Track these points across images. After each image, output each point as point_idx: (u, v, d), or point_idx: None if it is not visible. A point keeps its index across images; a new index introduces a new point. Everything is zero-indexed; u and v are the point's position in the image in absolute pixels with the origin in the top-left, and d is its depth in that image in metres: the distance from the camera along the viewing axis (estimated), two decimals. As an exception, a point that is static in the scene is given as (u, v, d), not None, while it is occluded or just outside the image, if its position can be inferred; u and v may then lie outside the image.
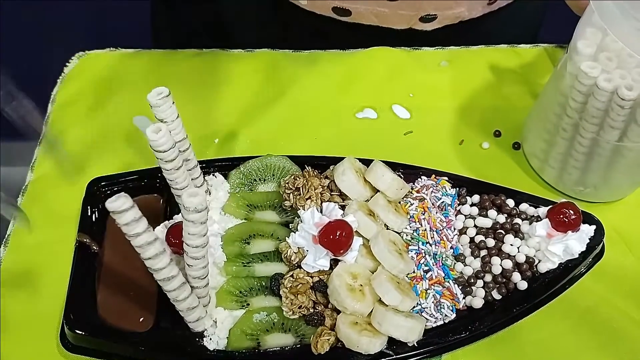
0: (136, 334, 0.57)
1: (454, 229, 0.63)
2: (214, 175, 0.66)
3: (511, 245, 0.61)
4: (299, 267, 0.59)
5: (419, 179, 0.66)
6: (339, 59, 0.82)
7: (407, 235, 0.62)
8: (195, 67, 0.80)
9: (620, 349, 0.61)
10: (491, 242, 0.62)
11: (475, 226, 0.63)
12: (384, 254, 0.58)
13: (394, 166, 0.65)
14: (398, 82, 0.80)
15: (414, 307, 0.58)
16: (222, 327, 0.57)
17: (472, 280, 0.60)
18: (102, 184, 0.64)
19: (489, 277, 0.60)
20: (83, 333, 0.56)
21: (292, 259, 0.59)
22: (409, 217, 0.63)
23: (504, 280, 0.60)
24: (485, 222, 0.63)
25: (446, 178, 0.66)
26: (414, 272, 0.60)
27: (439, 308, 0.59)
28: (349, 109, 0.77)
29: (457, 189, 0.66)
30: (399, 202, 0.64)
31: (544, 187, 0.71)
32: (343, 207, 0.62)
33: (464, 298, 0.60)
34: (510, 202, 0.64)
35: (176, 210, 0.63)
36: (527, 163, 0.73)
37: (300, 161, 0.66)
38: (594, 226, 0.62)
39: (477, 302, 0.59)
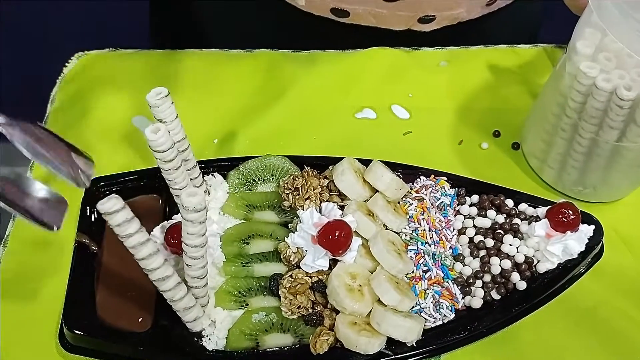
0: (135, 334, 0.56)
1: (453, 229, 0.63)
2: (213, 175, 0.66)
3: (510, 245, 0.61)
4: (298, 267, 0.59)
5: (418, 179, 0.66)
6: (338, 59, 0.81)
7: (406, 236, 0.62)
8: (195, 67, 0.80)
9: (619, 349, 0.61)
10: (490, 242, 0.62)
11: (474, 226, 0.63)
12: (383, 254, 0.58)
13: (393, 166, 0.65)
14: (397, 82, 0.80)
15: (413, 307, 0.58)
16: (221, 327, 0.57)
17: (471, 281, 0.60)
18: (101, 184, 0.64)
19: (488, 277, 0.60)
20: (82, 333, 0.56)
21: (291, 259, 0.59)
22: (408, 217, 0.63)
23: (503, 280, 0.60)
24: (484, 222, 0.63)
25: (445, 178, 0.66)
26: (413, 272, 0.60)
27: (438, 308, 0.59)
28: (348, 109, 0.77)
29: (456, 189, 0.66)
30: (398, 202, 0.64)
31: (543, 187, 0.71)
32: (342, 207, 0.62)
33: (463, 298, 0.60)
34: (510, 202, 0.64)
35: (175, 210, 0.62)
36: (526, 163, 0.73)
37: (300, 161, 0.66)
38: (593, 226, 0.61)
39: (476, 302, 0.59)
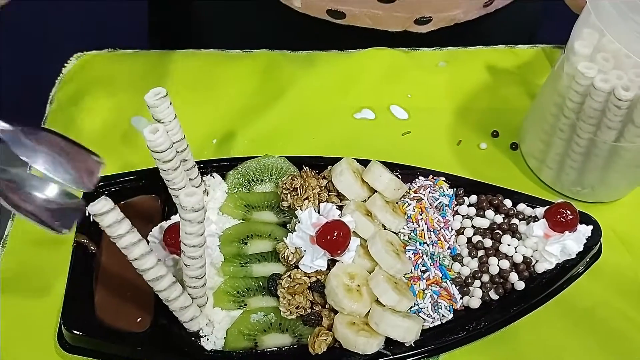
0: (133, 334, 0.57)
1: (452, 229, 0.63)
2: (211, 175, 0.66)
3: (508, 245, 0.61)
4: (297, 267, 0.59)
5: (416, 180, 0.66)
6: (337, 59, 0.82)
7: (404, 236, 0.62)
8: (193, 67, 0.80)
9: (617, 349, 0.61)
10: (488, 242, 0.62)
11: (472, 226, 0.63)
12: (382, 254, 0.58)
13: (391, 166, 0.65)
14: (396, 83, 0.80)
15: (411, 307, 0.58)
16: (219, 327, 0.57)
17: (470, 281, 0.60)
18: (100, 184, 0.64)
19: (486, 278, 0.60)
20: (80, 333, 0.56)
21: (290, 259, 0.59)
22: (406, 217, 0.63)
23: (502, 280, 0.60)
24: (482, 223, 0.63)
25: (444, 178, 0.66)
26: (411, 272, 0.60)
27: (436, 308, 0.59)
28: (347, 109, 0.77)
29: (455, 189, 0.66)
30: (397, 203, 0.64)
31: (542, 188, 0.71)
32: (341, 207, 0.62)
33: (461, 298, 0.60)
34: (508, 203, 0.64)
35: (174, 210, 0.62)
36: (525, 163, 0.73)
37: (298, 161, 0.66)
38: (591, 226, 0.61)
39: (475, 302, 0.59)
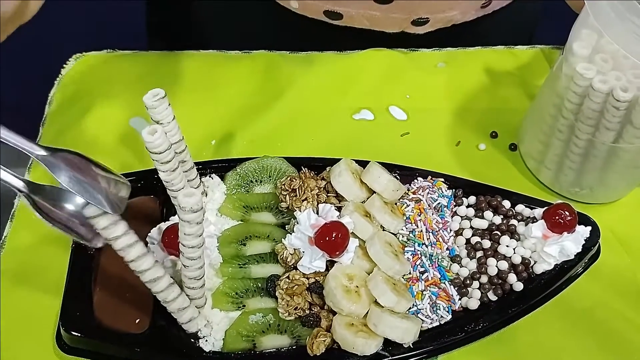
0: (132, 335, 0.56)
1: (450, 230, 0.63)
2: (210, 176, 0.66)
3: (507, 246, 0.61)
4: (295, 268, 0.59)
5: (415, 180, 0.66)
6: (336, 60, 0.82)
7: (403, 237, 0.62)
8: (192, 68, 0.80)
9: (616, 350, 0.61)
10: (487, 243, 0.62)
11: (471, 227, 0.63)
12: (380, 255, 0.58)
13: (390, 167, 0.65)
14: (395, 84, 0.80)
15: (409, 308, 0.58)
16: (218, 328, 0.57)
17: (468, 282, 0.60)
18: (98, 185, 0.64)
19: (484, 279, 0.60)
20: (79, 334, 0.56)
21: (288, 260, 0.59)
22: (405, 218, 0.63)
23: (500, 281, 0.60)
24: (481, 224, 0.63)
25: (442, 179, 0.66)
26: (409, 273, 0.60)
27: (434, 309, 0.59)
28: (345, 110, 0.77)
29: (454, 190, 0.66)
30: (395, 204, 0.64)
31: (540, 188, 0.71)
32: (339, 208, 0.62)
33: (459, 299, 0.60)
34: (507, 204, 0.64)
35: (173, 211, 0.62)
36: (524, 164, 0.73)
37: (297, 162, 0.66)
38: (589, 227, 0.61)
39: (473, 303, 0.59)
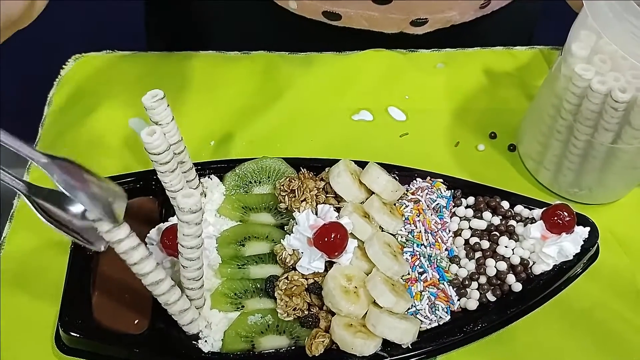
0: (131, 336, 0.57)
1: (449, 230, 0.63)
2: (209, 177, 0.66)
3: (506, 247, 0.61)
4: (294, 269, 0.59)
5: (414, 181, 0.66)
6: (335, 61, 0.82)
7: (401, 237, 0.62)
8: (191, 69, 0.80)
9: (615, 351, 0.61)
10: (486, 244, 0.62)
11: (470, 228, 0.63)
12: (379, 255, 0.58)
13: (389, 168, 0.65)
14: (394, 84, 0.80)
15: (408, 308, 0.58)
16: (216, 329, 0.57)
17: (467, 282, 0.60)
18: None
19: (483, 279, 0.60)
20: (78, 335, 0.56)
21: (287, 261, 0.59)
22: (403, 219, 0.63)
23: (499, 282, 0.60)
24: (480, 224, 0.63)
25: (441, 180, 0.66)
26: (408, 274, 0.60)
27: (433, 310, 0.59)
28: (344, 111, 0.77)
29: (452, 190, 0.66)
30: (394, 204, 0.64)
31: (539, 189, 0.71)
32: (338, 209, 0.62)
33: (458, 300, 0.60)
34: (505, 204, 0.64)
35: (172, 212, 0.62)
36: (523, 165, 0.73)
37: (296, 163, 0.66)
38: (588, 228, 0.62)
39: (472, 303, 0.59)
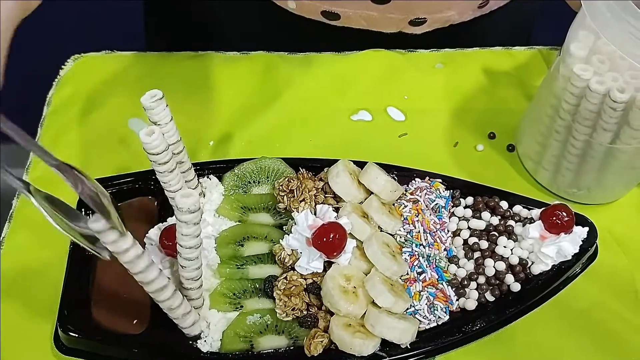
0: (130, 336, 0.57)
1: (448, 230, 0.64)
2: (208, 177, 0.66)
3: (504, 247, 0.61)
4: (293, 269, 0.59)
5: (413, 181, 0.66)
6: (334, 61, 0.82)
7: (400, 237, 0.62)
8: (191, 69, 0.80)
9: (613, 351, 0.61)
10: (484, 244, 0.62)
11: (468, 228, 0.63)
12: (378, 256, 0.58)
13: (388, 168, 0.65)
14: (393, 85, 0.80)
15: (407, 308, 0.58)
16: (215, 329, 0.57)
17: (466, 282, 0.60)
18: (96, 186, 0.64)
19: (482, 279, 0.60)
20: (77, 335, 0.56)
21: (286, 261, 0.59)
22: (402, 219, 0.63)
23: (497, 282, 0.60)
24: (478, 224, 0.63)
25: (440, 180, 0.66)
26: (407, 274, 0.60)
27: (432, 310, 0.59)
28: (343, 111, 0.78)
29: (451, 191, 0.66)
30: (393, 204, 0.64)
31: (538, 189, 0.71)
32: (337, 209, 0.62)
33: (457, 300, 0.60)
34: (504, 204, 0.64)
35: (170, 212, 0.63)
36: (521, 165, 0.73)
37: (295, 163, 0.66)
38: (586, 228, 0.62)
39: (471, 303, 0.59)
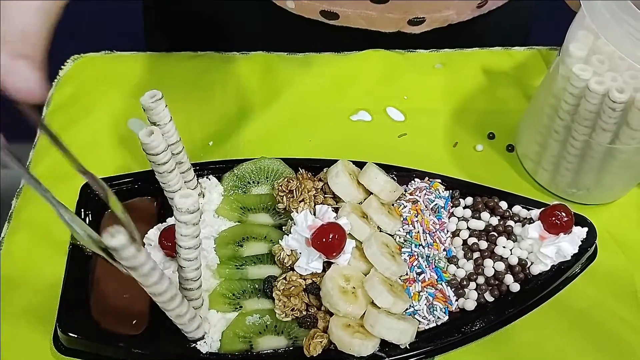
0: (129, 336, 0.57)
1: (447, 231, 0.64)
2: (207, 177, 0.66)
3: (504, 247, 0.61)
4: (292, 269, 0.59)
5: (412, 182, 0.66)
6: (334, 61, 0.82)
7: (400, 238, 0.62)
8: (190, 69, 0.80)
9: (612, 351, 0.61)
10: (484, 244, 0.62)
11: (468, 228, 0.63)
12: (377, 256, 0.58)
13: (387, 168, 0.65)
14: (392, 85, 0.80)
15: (406, 309, 0.58)
16: (215, 329, 0.57)
17: (465, 283, 0.60)
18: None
19: (481, 279, 0.60)
20: (76, 335, 0.56)
21: (285, 261, 0.59)
22: (402, 219, 0.63)
23: (497, 282, 0.60)
24: (478, 225, 0.63)
25: (439, 180, 0.66)
26: (406, 274, 0.60)
27: (431, 310, 0.59)
28: (343, 111, 0.78)
29: (451, 191, 0.66)
30: (392, 205, 0.64)
31: (538, 189, 0.71)
32: (336, 209, 0.62)
33: (456, 300, 0.60)
34: (503, 205, 0.64)
35: (170, 212, 0.63)
36: (521, 165, 0.73)
37: (294, 164, 0.66)
38: (586, 228, 0.62)
39: (470, 304, 0.59)
